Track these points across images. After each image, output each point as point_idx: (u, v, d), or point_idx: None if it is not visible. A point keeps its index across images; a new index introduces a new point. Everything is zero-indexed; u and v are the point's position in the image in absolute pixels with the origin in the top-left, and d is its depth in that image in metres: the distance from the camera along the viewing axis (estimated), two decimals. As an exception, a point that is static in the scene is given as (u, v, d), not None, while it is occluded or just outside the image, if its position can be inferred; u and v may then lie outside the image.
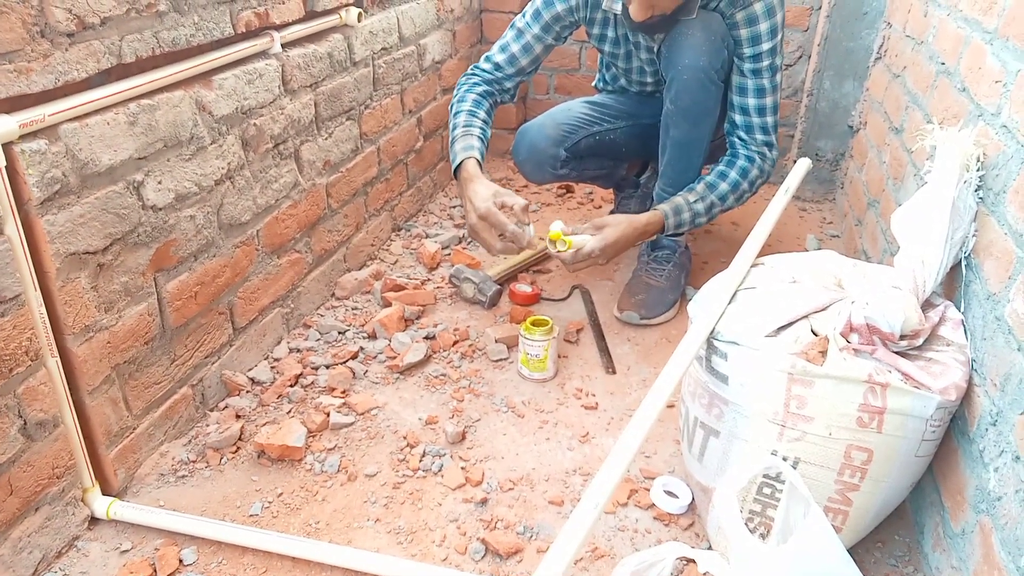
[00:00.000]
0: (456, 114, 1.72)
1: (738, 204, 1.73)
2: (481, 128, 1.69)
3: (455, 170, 1.64)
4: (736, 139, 1.71)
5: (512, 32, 1.78)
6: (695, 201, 1.68)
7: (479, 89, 1.76)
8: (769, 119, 1.68)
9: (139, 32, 1.14)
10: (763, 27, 1.59)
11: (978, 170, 1.14)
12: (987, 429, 0.98)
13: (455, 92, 1.78)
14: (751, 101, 1.66)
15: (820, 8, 2.34)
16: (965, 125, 1.26)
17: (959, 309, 1.14)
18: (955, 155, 1.15)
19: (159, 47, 1.18)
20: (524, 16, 1.77)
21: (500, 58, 1.78)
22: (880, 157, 1.89)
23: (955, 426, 1.09)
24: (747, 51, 1.62)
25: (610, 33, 1.77)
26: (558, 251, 1.55)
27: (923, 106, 1.58)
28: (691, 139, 1.70)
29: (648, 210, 1.71)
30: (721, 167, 1.71)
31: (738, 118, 1.69)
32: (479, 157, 1.64)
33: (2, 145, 0.95)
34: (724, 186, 1.69)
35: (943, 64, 1.49)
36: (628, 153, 2.03)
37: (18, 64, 0.96)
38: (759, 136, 1.69)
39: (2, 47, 0.93)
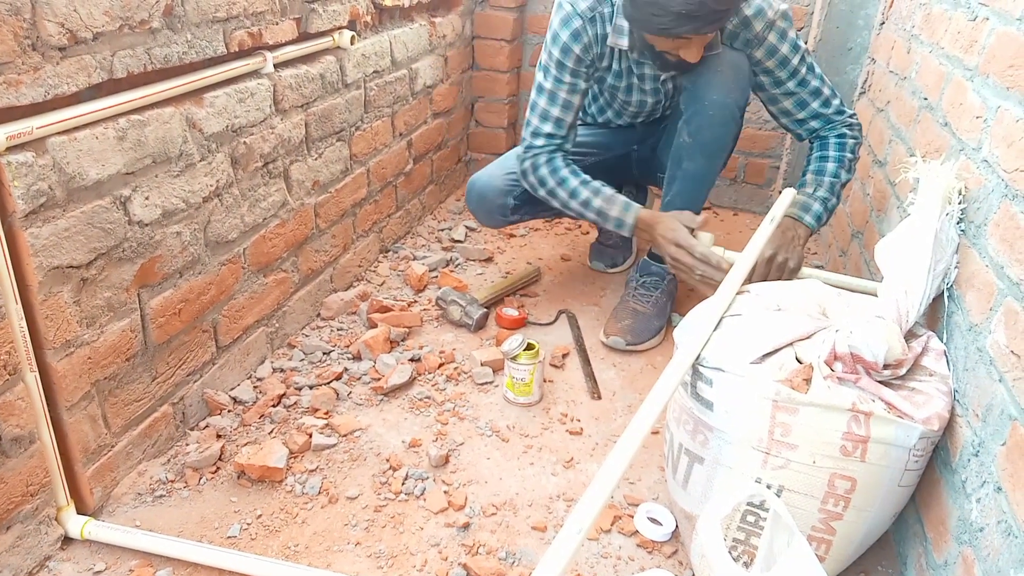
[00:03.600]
0: (572, 190, 1.70)
1: (851, 175, 1.71)
2: (602, 185, 1.71)
3: (632, 227, 1.67)
4: (813, 127, 1.72)
5: (544, 98, 1.71)
6: (814, 191, 1.67)
7: (559, 161, 1.73)
8: (826, 90, 1.69)
9: (131, 48, 1.15)
10: (785, 49, 1.63)
11: (960, 203, 1.16)
12: (969, 460, 0.99)
13: (530, 176, 1.74)
14: (804, 94, 1.68)
15: (806, 43, 2.38)
16: (947, 159, 1.28)
17: (942, 340, 1.16)
18: (937, 188, 1.17)
19: (151, 63, 1.19)
20: (547, 74, 1.70)
21: (548, 128, 1.71)
22: (864, 189, 1.92)
23: (938, 456, 1.09)
24: (783, 74, 1.66)
25: (615, 66, 1.77)
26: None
27: (906, 140, 1.61)
28: (704, 172, 1.72)
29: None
30: (817, 153, 1.71)
31: (798, 110, 1.71)
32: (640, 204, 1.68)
33: (-11, 157, 0.95)
34: (831, 165, 1.68)
35: (926, 99, 1.52)
36: None
37: (8, 76, 0.96)
38: (823, 107, 1.69)
39: (-7, 59, 0.93)
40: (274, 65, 1.48)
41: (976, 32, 1.28)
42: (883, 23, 2.13)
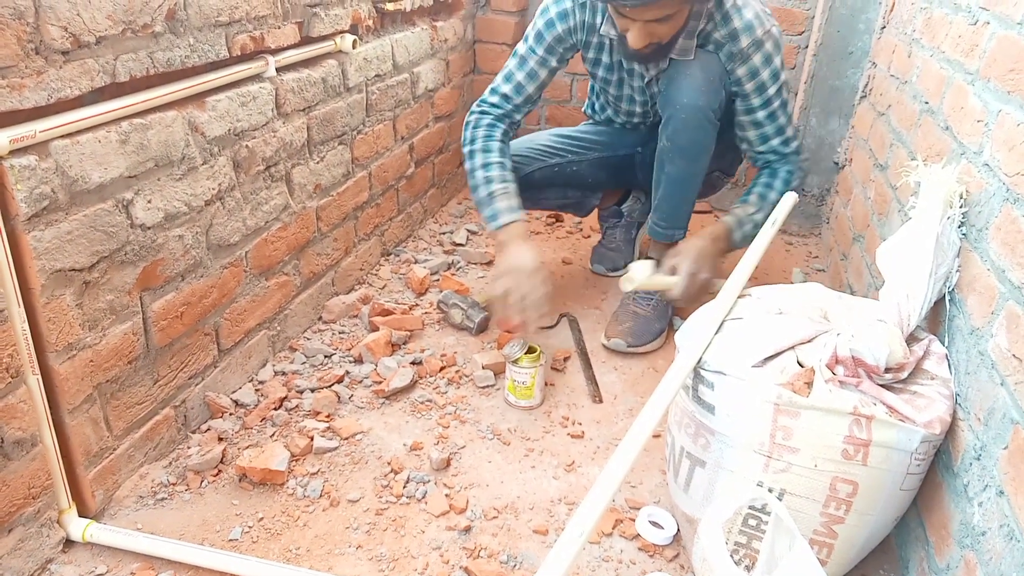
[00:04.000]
0: (486, 161, 1.70)
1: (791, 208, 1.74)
2: (513, 181, 1.70)
3: (500, 226, 1.64)
4: (768, 159, 1.75)
5: (515, 60, 1.77)
6: (754, 213, 1.70)
7: (497, 132, 1.75)
8: (789, 130, 1.74)
9: (134, 52, 1.15)
10: (765, 75, 1.64)
11: (961, 207, 1.16)
12: (971, 463, 0.98)
13: (468, 129, 1.77)
14: (769, 129, 1.71)
15: (807, 47, 2.38)
16: (948, 162, 1.28)
17: (943, 343, 1.15)
18: (938, 192, 1.17)
19: (153, 67, 1.19)
20: (526, 41, 1.76)
21: (507, 88, 1.77)
22: (865, 193, 1.92)
23: (939, 460, 1.09)
24: (756, 101, 1.67)
25: (605, 58, 1.79)
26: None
27: (907, 144, 1.61)
28: (687, 175, 1.72)
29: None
30: (765, 178, 1.74)
31: (759, 143, 1.74)
32: (524, 218, 1.67)
33: (-8, 160, 0.95)
34: (774, 195, 1.72)
35: (927, 103, 1.52)
36: (597, 184, 2.05)
37: (11, 80, 0.96)
38: (782, 146, 1.74)
39: (-4, 63, 0.94)
40: (276, 69, 1.48)
41: (977, 36, 1.28)
42: (884, 27, 2.13)
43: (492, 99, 1.78)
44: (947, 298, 1.17)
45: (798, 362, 1.10)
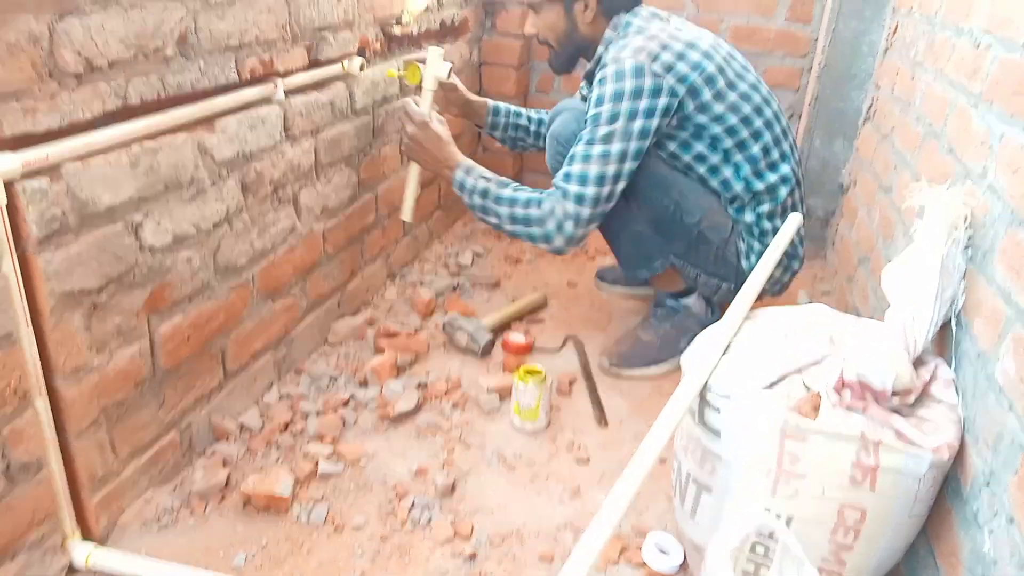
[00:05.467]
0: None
1: (507, 226, 1.63)
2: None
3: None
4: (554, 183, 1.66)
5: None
6: (484, 177, 1.65)
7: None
8: (576, 167, 1.55)
9: (145, 76, 1.16)
10: (594, 95, 1.56)
11: (966, 229, 1.16)
12: (981, 490, 0.98)
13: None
14: (577, 147, 1.58)
15: (811, 69, 2.40)
16: (953, 185, 1.28)
17: (950, 367, 1.15)
18: (943, 214, 1.17)
19: (164, 91, 1.20)
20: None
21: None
22: (870, 215, 1.92)
23: (948, 486, 1.08)
24: (590, 110, 1.58)
25: None
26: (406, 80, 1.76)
27: (911, 166, 1.61)
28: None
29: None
30: (529, 189, 1.64)
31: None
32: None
33: (4, 183, 0.96)
34: (508, 192, 1.62)
35: (930, 125, 1.52)
36: None
37: (25, 103, 0.98)
38: (563, 176, 1.58)
39: (11, 86, 0.95)
40: (285, 92, 1.49)
41: (980, 59, 1.29)
42: (887, 50, 2.14)
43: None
44: (953, 321, 1.16)
45: (804, 386, 1.09)
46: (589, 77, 1.78)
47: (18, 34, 0.95)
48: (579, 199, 1.56)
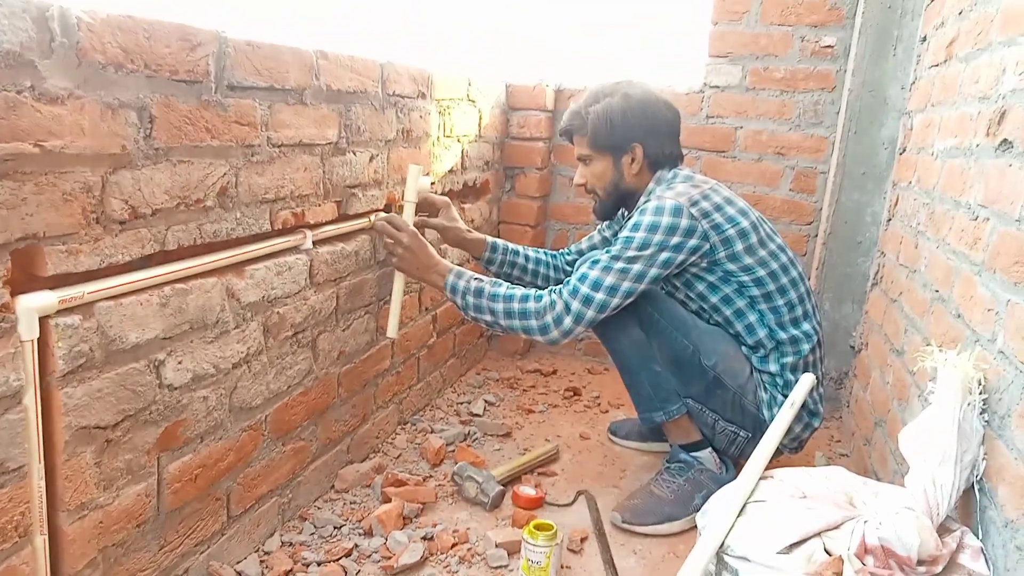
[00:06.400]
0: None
1: (503, 321, 1.69)
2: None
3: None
4: (556, 265, 1.87)
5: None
6: (477, 279, 1.73)
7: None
8: (595, 272, 1.64)
9: (185, 224, 1.24)
10: (645, 219, 1.64)
11: (981, 393, 1.16)
12: (1021, 672, 0.91)
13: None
14: (600, 256, 1.67)
15: (816, 236, 2.49)
16: (964, 349, 1.30)
17: (977, 536, 1.11)
18: (956, 378, 1.17)
19: (201, 237, 1.27)
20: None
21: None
22: (883, 377, 1.92)
23: (986, 668, 1.01)
24: (623, 232, 1.67)
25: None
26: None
27: (921, 330, 1.64)
28: (611, 352, 1.83)
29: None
30: (521, 288, 1.73)
31: (570, 258, 1.93)
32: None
33: (39, 318, 1.00)
34: (503, 290, 1.70)
35: (937, 291, 1.56)
36: None
37: (70, 246, 1.04)
38: (567, 280, 1.68)
39: (60, 230, 1.01)
40: (313, 242, 1.57)
41: (978, 231, 1.34)
42: (890, 220, 2.24)
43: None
44: (976, 487, 1.14)
45: (825, 550, 1.05)
46: (618, 220, 1.89)
47: (74, 184, 1.03)
48: (586, 300, 1.64)
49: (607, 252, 1.68)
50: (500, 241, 2.09)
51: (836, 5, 2.38)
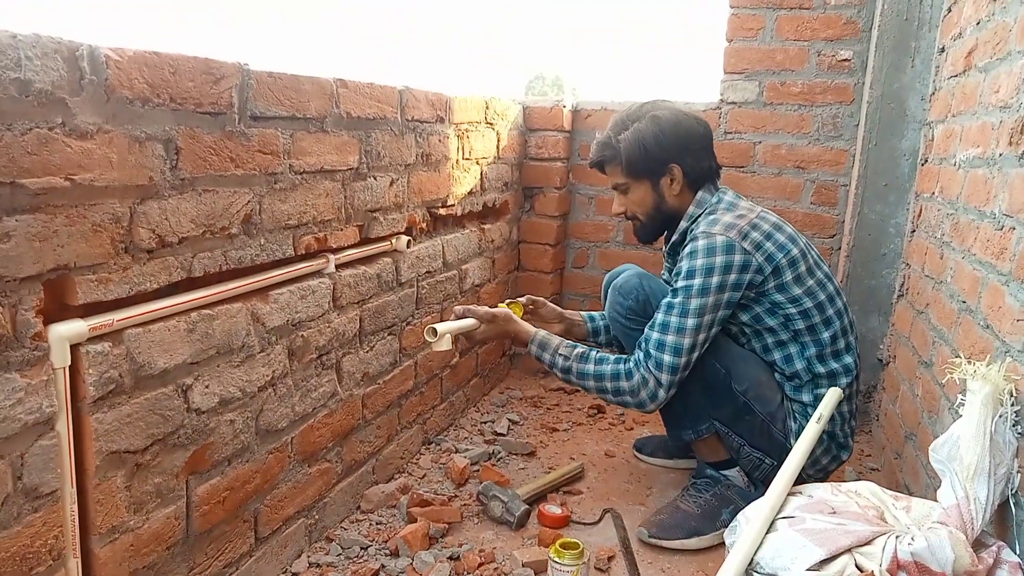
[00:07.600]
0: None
1: (595, 393, 1.74)
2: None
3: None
4: (638, 348, 1.71)
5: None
6: (562, 355, 1.75)
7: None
8: (656, 334, 1.65)
9: (210, 251, 1.26)
10: (683, 266, 1.66)
11: (1012, 404, 1.14)
12: None
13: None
14: (669, 317, 1.65)
15: (840, 249, 2.47)
16: (993, 360, 1.28)
17: (1014, 551, 1.08)
18: (986, 390, 1.15)
19: (226, 264, 1.30)
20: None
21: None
22: (912, 390, 1.90)
23: None
24: (679, 282, 1.66)
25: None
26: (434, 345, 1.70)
27: (949, 341, 1.61)
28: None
29: None
30: (613, 357, 1.72)
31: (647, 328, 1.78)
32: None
33: (70, 346, 1.02)
34: (591, 368, 1.71)
35: (964, 302, 1.54)
36: None
37: (100, 275, 1.06)
38: (647, 348, 1.66)
39: (90, 260, 1.04)
40: (336, 266, 1.59)
41: (1004, 240, 1.33)
42: (914, 231, 2.21)
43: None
44: (1011, 501, 1.11)
45: (857, 566, 1.04)
46: (673, 251, 1.84)
47: (103, 215, 1.05)
48: (672, 370, 1.65)
49: (671, 307, 1.65)
50: (594, 312, 2.10)
51: (852, 19, 2.38)
